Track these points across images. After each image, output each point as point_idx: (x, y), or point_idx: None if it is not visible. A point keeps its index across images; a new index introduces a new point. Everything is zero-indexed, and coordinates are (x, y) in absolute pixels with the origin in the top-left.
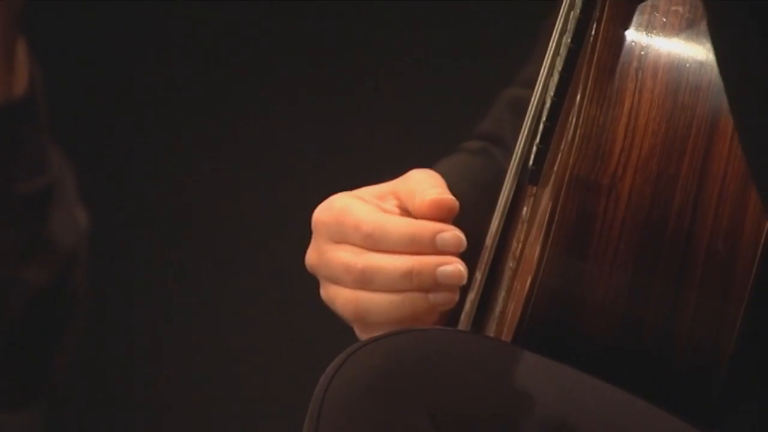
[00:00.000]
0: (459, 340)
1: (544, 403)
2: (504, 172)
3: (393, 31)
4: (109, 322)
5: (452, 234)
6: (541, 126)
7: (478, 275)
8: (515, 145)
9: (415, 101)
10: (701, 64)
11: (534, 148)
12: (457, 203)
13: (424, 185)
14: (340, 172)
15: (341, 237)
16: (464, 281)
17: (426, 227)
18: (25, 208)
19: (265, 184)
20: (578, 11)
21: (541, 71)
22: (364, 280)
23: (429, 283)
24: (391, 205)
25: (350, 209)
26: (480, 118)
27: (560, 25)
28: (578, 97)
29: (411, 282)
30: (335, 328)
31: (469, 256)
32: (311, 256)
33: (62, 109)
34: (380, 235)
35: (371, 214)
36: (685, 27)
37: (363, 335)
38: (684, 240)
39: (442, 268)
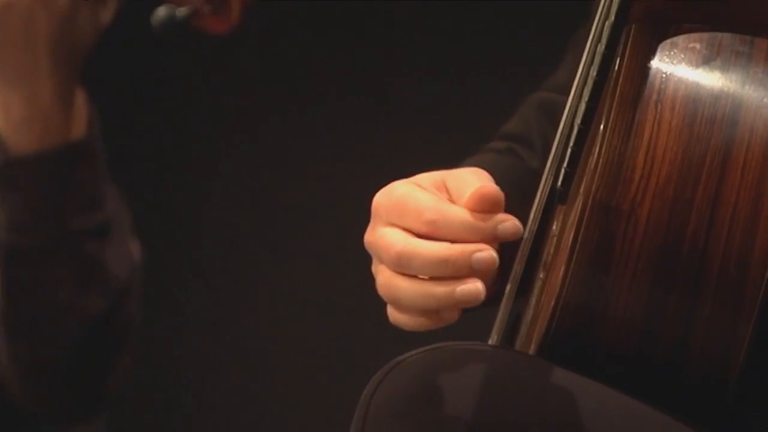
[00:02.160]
0: (493, 355)
1: (573, 417)
2: (528, 171)
3: (419, 32)
4: (157, 342)
5: (512, 223)
6: (569, 151)
7: (509, 285)
8: (544, 146)
9: (437, 104)
10: (716, 97)
11: (562, 171)
12: (502, 195)
13: (473, 179)
14: (364, 175)
15: (402, 221)
16: (495, 265)
17: (486, 217)
18: (83, 241)
19: (307, 202)
20: (603, 46)
21: (570, 99)
22: (401, 264)
23: (465, 271)
24: (444, 196)
25: (413, 196)
26: (504, 120)
27: (587, 58)
28: (602, 127)
29: (446, 269)
30: (379, 338)
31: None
32: (368, 237)
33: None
34: (443, 222)
35: (433, 201)
36: (701, 63)
37: (394, 317)
38: (698, 261)
39: (477, 254)
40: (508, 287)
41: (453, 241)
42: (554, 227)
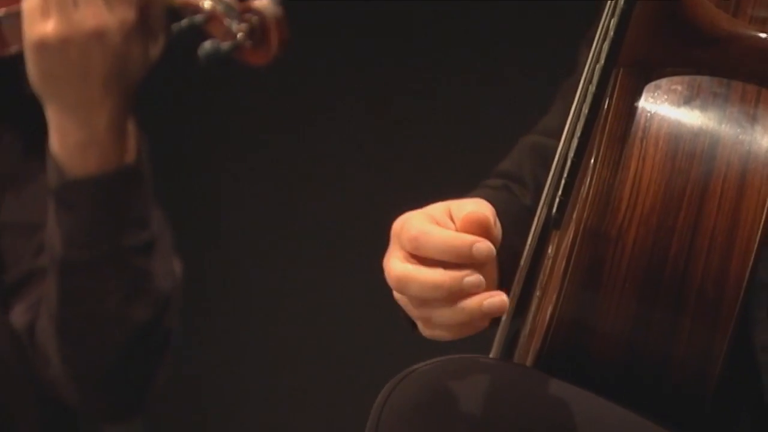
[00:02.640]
0: (495, 367)
1: (567, 424)
2: (522, 206)
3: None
4: (195, 348)
5: (485, 244)
6: (563, 181)
7: (509, 303)
8: (535, 184)
9: (452, 125)
10: (696, 135)
11: (557, 200)
12: (489, 220)
13: (472, 207)
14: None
15: (400, 242)
16: (483, 285)
17: (464, 238)
18: (131, 258)
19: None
20: (594, 87)
21: (564, 135)
22: (400, 289)
23: (456, 292)
24: (451, 224)
25: (410, 220)
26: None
27: (579, 98)
28: (592, 160)
29: (440, 292)
30: (392, 348)
31: (502, 277)
32: (385, 259)
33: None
34: (424, 239)
35: (421, 223)
36: (682, 103)
37: (426, 331)
38: (679, 282)
39: (466, 279)
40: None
41: (431, 260)
42: (550, 250)
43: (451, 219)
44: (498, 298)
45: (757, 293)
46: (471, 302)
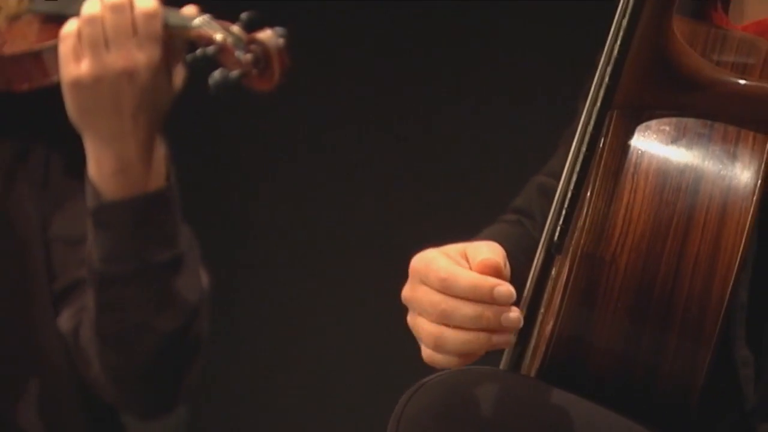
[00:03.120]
0: (504, 378)
1: (568, 430)
2: (533, 239)
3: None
4: (224, 351)
5: (506, 287)
6: (564, 211)
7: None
8: (542, 220)
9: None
10: (681, 170)
11: (558, 228)
12: (501, 265)
13: (486, 250)
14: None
15: (426, 281)
16: (521, 325)
17: (486, 280)
18: (160, 273)
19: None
20: (591, 128)
21: (565, 170)
22: (445, 317)
23: (495, 326)
24: (465, 263)
25: (435, 260)
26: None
27: (579, 137)
28: (589, 193)
29: (480, 323)
30: (407, 362)
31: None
32: (406, 292)
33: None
34: (452, 281)
35: (449, 265)
36: (670, 142)
37: (435, 357)
38: (666, 302)
39: (505, 315)
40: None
41: (462, 298)
42: (553, 272)
43: (467, 260)
44: (506, 336)
45: (737, 313)
46: (482, 334)
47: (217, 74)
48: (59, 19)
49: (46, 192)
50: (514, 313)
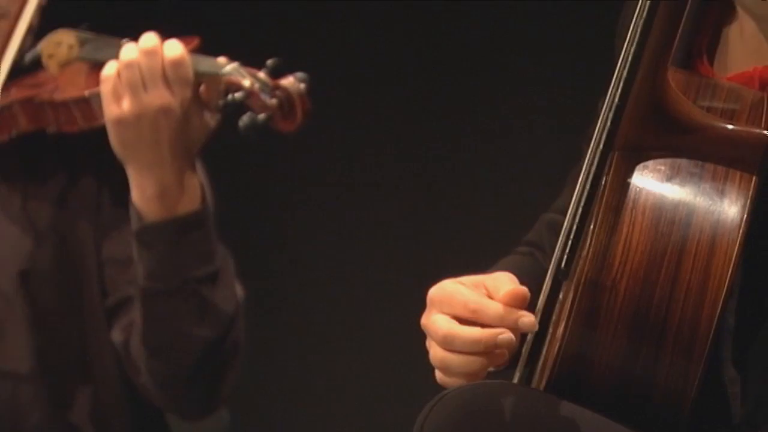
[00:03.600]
0: (516, 391)
1: None
2: (543, 269)
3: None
4: (260, 356)
5: (530, 318)
6: (570, 242)
7: (530, 335)
8: (551, 252)
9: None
10: (675, 206)
11: (565, 256)
12: (528, 295)
13: (507, 280)
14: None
15: (451, 310)
16: (514, 344)
17: (512, 311)
18: (199, 287)
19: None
20: (595, 167)
21: (571, 204)
22: (446, 342)
23: (492, 347)
24: (483, 292)
25: (460, 292)
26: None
27: (584, 176)
28: (592, 225)
29: (479, 347)
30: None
31: None
32: (423, 320)
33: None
34: (482, 311)
35: (476, 296)
36: (665, 180)
37: (444, 379)
38: (661, 324)
39: (501, 336)
40: (529, 336)
41: (487, 326)
42: (560, 296)
43: (485, 289)
44: (501, 358)
45: (724, 336)
46: (480, 358)
47: (245, 118)
48: (103, 64)
49: (99, 217)
50: (507, 334)
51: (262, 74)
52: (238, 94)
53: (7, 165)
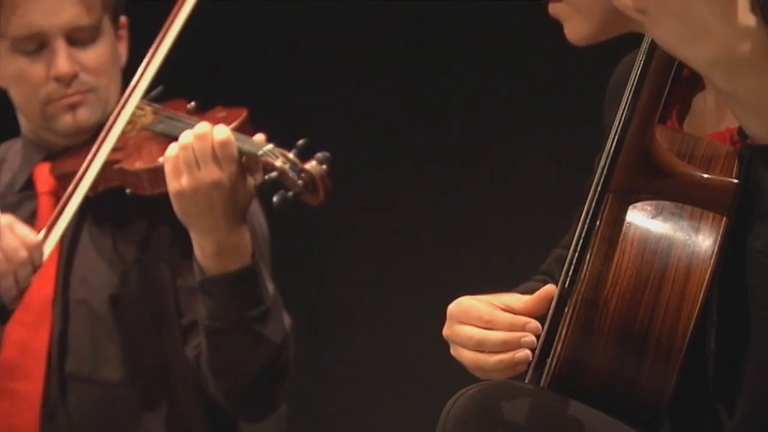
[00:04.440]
0: (526, 389)
1: (576, 428)
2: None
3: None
4: (308, 369)
5: (535, 324)
6: (572, 267)
7: (540, 341)
8: (559, 279)
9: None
10: (658, 239)
11: (568, 279)
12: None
13: (516, 297)
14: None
15: (468, 321)
16: (534, 345)
17: (520, 319)
18: (252, 324)
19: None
20: (593, 206)
21: (575, 236)
22: (479, 345)
23: (517, 346)
24: (496, 306)
25: (475, 306)
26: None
27: (584, 213)
28: (589, 254)
29: (506, 346)
30: (454, 373)
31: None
32: (446, 331)
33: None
34: (495, 321)
35: (489, 309)
36: (650, 218)
37: (477, 374)
38: (644, 336)
39: (524, 338)
40: (537, 351)
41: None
42: (566, 311)
43: (501, 305)
44: (525, 353)
45: (708, 359)
46: (508, 355)
47: (277, 196)
48: (169, 138)
49: (173, 254)
50: (529, 336)
51: (292, 155)
52: (272, 174)
53: (100, 213)
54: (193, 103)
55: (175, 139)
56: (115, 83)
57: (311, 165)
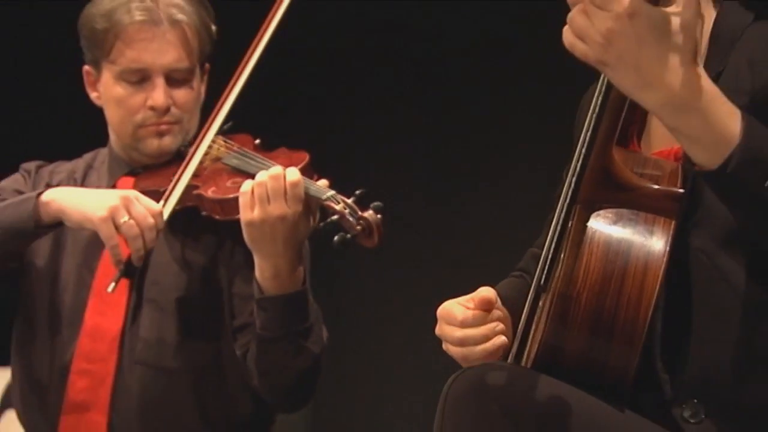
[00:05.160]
0: (515, 368)
1: (557, 401)
2: (529, 286)
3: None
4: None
5: (497, 314)
6: (547, 265)
7: (519, 332)
8: (534, 275)
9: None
10: (619, 242)
11: (544, 275)
12: (493, 296)
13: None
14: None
15: (449, 322)
16: (506, 334)
17: (485, 315)
18: (297, 336)
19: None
20: (563, 214)
21: (548, 240)
22: (463, 342)
23: (493, 336)
24: (467, 307)
25: (450, 309)
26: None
27: (556, 221)
28: (562, 255)
29: (485, 339)
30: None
31: (515, 324)
32: (437, 331)
33: None
34: (466, 321)
35: (462, 311)
36: (612, 224)
37: (465, 364)
38: (610, 322)
39: (497, 328)
40: (516, 341)
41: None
42: (541, 304)
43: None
44: (501, 339)
45: (655, 340)
46: (487, 345)
47: (338, 237)
48: (241, 173)
49: (232, 264)
50: (499, 326)
51: (351, 202)
52: (333, 218)
53: (174, 225)
54: (258, 140)
55: (247, 174)
56: (195, 117)
57: (369, 213)
